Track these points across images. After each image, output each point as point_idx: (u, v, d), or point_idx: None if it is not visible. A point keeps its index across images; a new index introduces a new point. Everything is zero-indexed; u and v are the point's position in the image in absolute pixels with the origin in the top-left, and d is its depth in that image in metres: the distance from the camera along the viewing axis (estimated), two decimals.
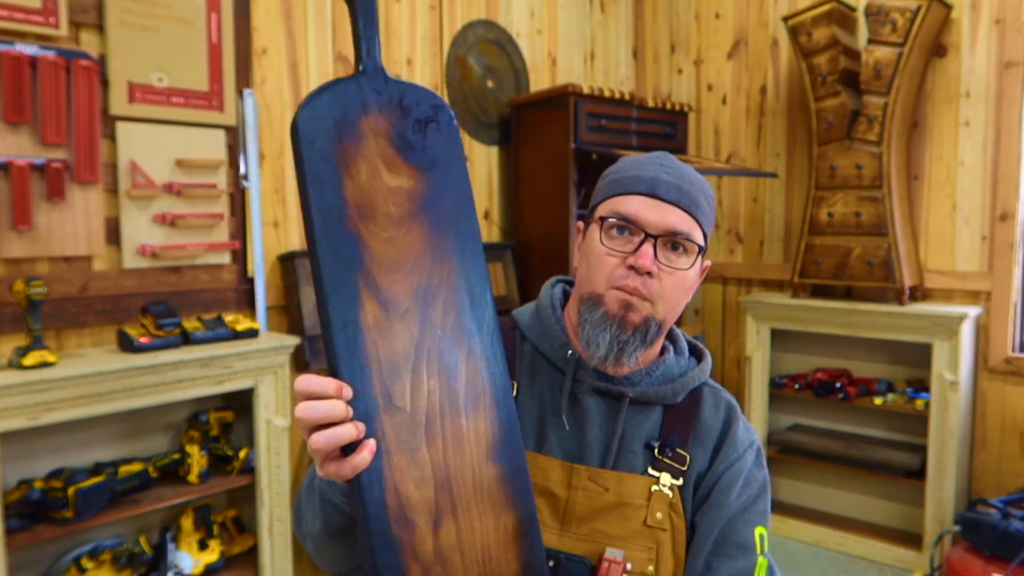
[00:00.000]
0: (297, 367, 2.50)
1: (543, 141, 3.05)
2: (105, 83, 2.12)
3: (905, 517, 3.12)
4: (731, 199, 3.69)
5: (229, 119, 2.37)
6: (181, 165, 2.26)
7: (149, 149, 2.20)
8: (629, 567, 0.92)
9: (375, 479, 0.73)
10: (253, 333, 2.23)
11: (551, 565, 0.90)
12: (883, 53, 2.90)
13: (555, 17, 3.53)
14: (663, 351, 1.05)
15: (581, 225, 1.05)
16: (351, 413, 0.72)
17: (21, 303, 1.86)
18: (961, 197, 3.01)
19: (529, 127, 3.12)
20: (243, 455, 2.23)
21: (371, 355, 0.75)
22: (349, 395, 0.73)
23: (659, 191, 0.95)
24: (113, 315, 2.16)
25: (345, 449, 0.73)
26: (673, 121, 3.31)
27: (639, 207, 0.95)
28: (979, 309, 2.92)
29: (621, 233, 0.95)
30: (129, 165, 2.16)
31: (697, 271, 0.99)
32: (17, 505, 1.88)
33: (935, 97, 3.06)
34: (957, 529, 2.59)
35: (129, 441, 2.19)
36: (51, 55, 1.98)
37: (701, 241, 0.97)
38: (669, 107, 3.26)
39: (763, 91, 3.55)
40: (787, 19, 3.15)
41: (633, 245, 0.94)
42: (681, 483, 0.97)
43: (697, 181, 0.98)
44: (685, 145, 3.38)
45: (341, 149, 0.77)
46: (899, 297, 2.94)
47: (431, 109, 0.83)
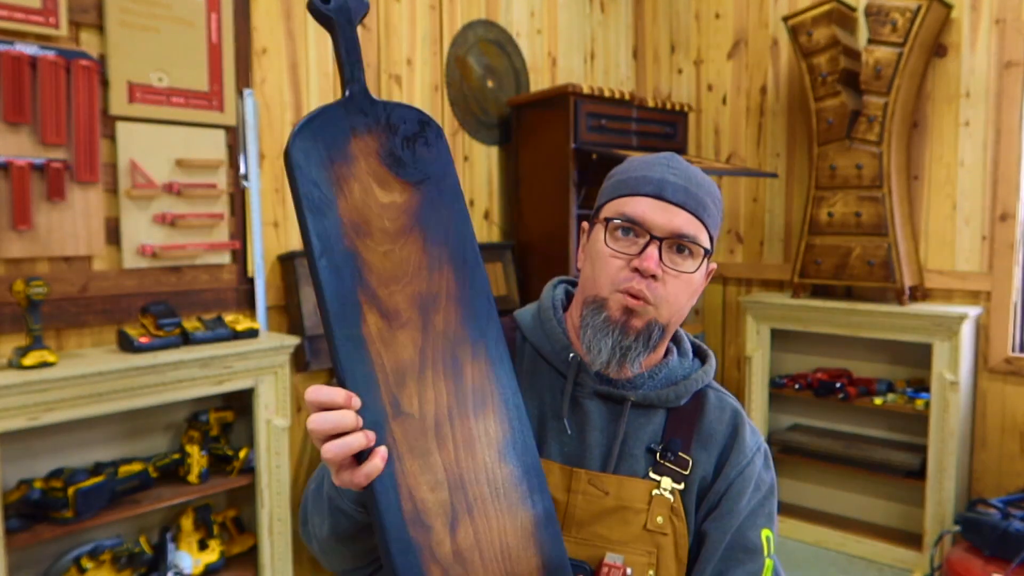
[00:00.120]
0: (297, 367, 2.50)
1: (543, 141, 3.05)
2: (105, 83, 2.12)
3: (905, 517, 3.12)
4: (731, 199, 3.69)
5: (229, 119, 2.37)
6: (181, 165, 2.26)
7: (149, 149, 2.20)
8: (629, 572, 0.91)
9: (389, 485, 0.75)
10: (253, 333, 2.23)
11: None
12: (883, 53, 2.90)
13: (555, 17, 3.53)
14: (667, 353, 1.04)
15: (586, 225, 1.03)
16: (361, 422, 0.73)
17: (21, 303, 1.86)
18: (961, 197, 3.01)
19: (529, 127, 3.12)
20: (243, 455, 2.23)
21: (376, 365, 0.77)
22: (358, 404, 0.74)
23: (665, 193, 0.93)
24: (113, 315, 2.16)
25: (358, 457, 0.74)
26: (673, 121, 3.31)
27: (645, 209, 0.93)
28: (979, 309, 2.92)
29: (626, 235, 0.94)
30: (129, 165, 2.16)
31: (703, 274, 0.97)
32: (17, 505, 1.88)
33: (935, 97, 3.06)
34: (957, 529, 2.59)
35: (129, 441, 2.19)
36: (51, 55, 1.98)
37: (707, 244, 0.95)
38: (669, 107, 3.26)
39: (763, 91, 3.55)
40: (787, 19, 3.15)
41: (638, 247, 0.93)
42: (683, 487, 0.95)
43: (704, 183, 0.97)
44: (685, 145, 3.38)
45: (333, 172, 0.79)
46: (899, 297, 2.94)
47: (418, 125, 0.86)
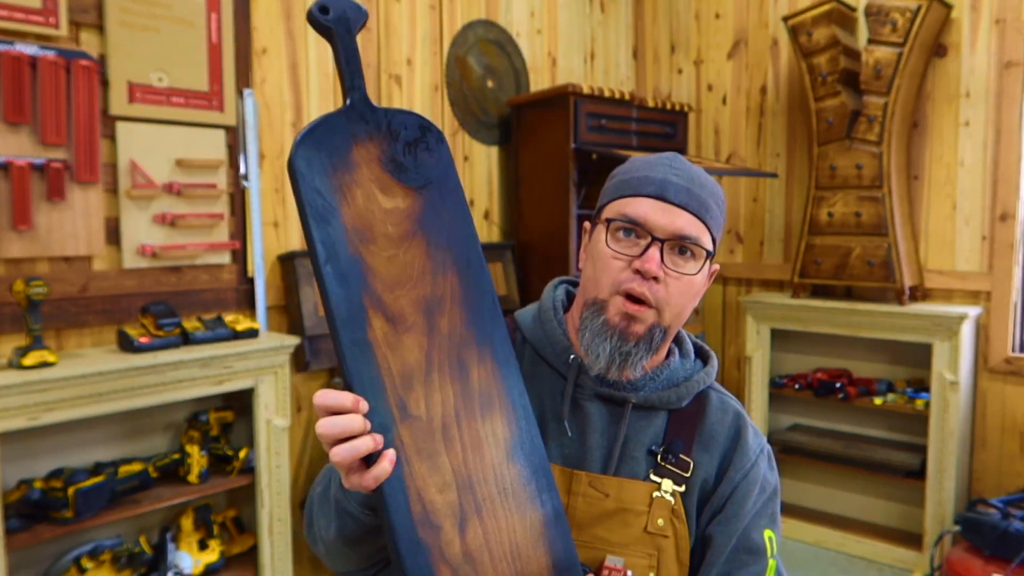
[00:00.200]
0: (297, 367, 2.50)
1: (543, 141, 3.05)
2: (105, 83, 2.12)
3: (905, 517, 3.12)
4: (731, 199, 3.69)
5: (229, 119, 2.37)
6: (181, 165, 2.26)
7: (149, 149, 2.20)
8: (630, 574, 0.90)
9: (398, 487, 0.75)
10: (253, 333, 2.23)
11: None
12: (883, 53, 2.90)
13: (555, 17, 3.53)
14: (668, 354, 1.03)
15: (587, 225, 1.03)
16: (368, 426, 0.74)
17: (21, 303, 1.86)
18: (961, 197, 3.01)
19: (529, 127, 3.12)
20: (243, 455, 2.23)
21: (383, 369, 0.77)
22: (366, 408, 0.74)
23: (668, 194, 0.92)
24: (113, 315, 2.16)
25: (367, 460, 0.74)
26: (673, 121, 3.31)
27: (647, 210, 0.92)
28: (979, 309, 2.92)
29: (628, 236, 0.93)
30: (129, 165, 2.16)
31: (705, 276, 0.96)
32: (17, 505, 1.88)
33: (935, 97, 3.06)
34: (957, 529, 2.59)
35: (129, 441, 2.19)
36: (51, 55, 1.98)
37: (709, 246, 0.94)
38: (669, 107, 3.26)
39: (763, 91, 3.55)
40: (787, 19, 3.15)
41: (640, 248, 0.92)
42: (684, 489, 0.95)
43: (707, 184, 0.96)
44: (685, 145, 3.38)
45: (336, 180, 0.80)
46: (899, 297, 2.94)
47: (419, 130, 0.87)
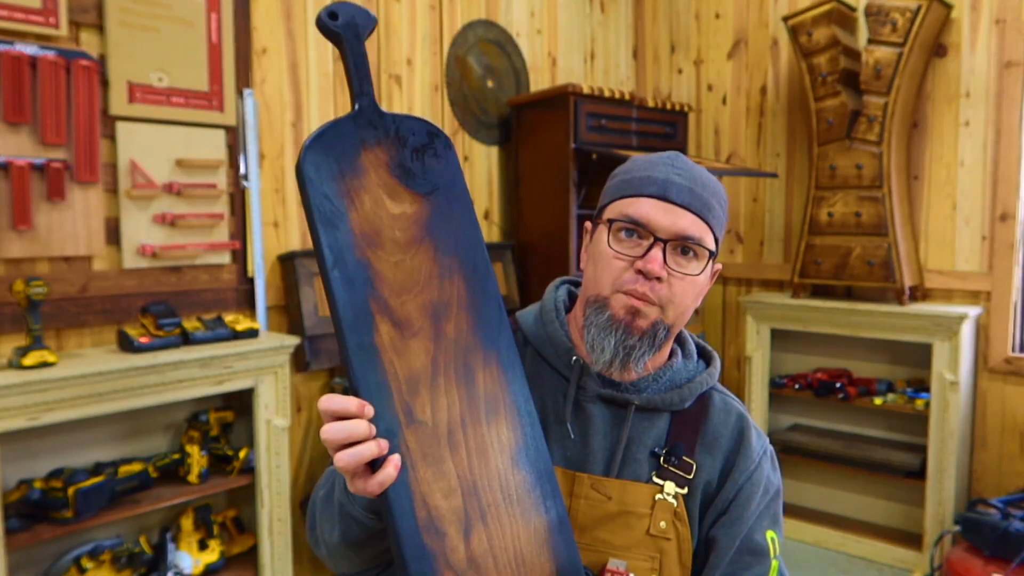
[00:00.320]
0: (297, 367, 2.50)
1: (543, 141, 3.05)
2: (105, 83, 2.12)
3: (905, 517, 3.12)
4: (731, 199, 3.69)
5: (229, 119, 2.37)
6: (181, 165, 2.26)
7: (149, 149, 2.20)
8: None
9: (403, 492, 0.75)
10: (253, 333, 2.23)
11: None
12: (883, 53, 2.90)
13: (555, 17, 3.53)
14: (671, 355, 1.02)
15: (588, 225, 1.02)
16: (373, 431, 0.74)
17: (21, 303, 1.86)
18: (961, 197, 3.01)
19: (529, 127, 3.12)
20: (243, 455, 2.23)
21: (389, 374, 0.77)
22: (371, 413, 0.74)
23: (670, 194, 0.92)
24: (113, 315, 2.16)
25: (372, 465, 0.74)
26: (673, 121, 3.31)
27: (649, 210, 0.92)
28: (979, 309, 2.92)
29: (630, 236, 0.92)
30: (129, 165, 2.16)
31: (707, 276, 0.96)
32: (17, 505, 1.88)
33: (935, 97, 3.06)
34: (957, 529, 2.59)
35: (129, 441, 2.19)
36: (51, 55, 1.98)
37: (712, 246, 0.94)
38: (669, 107, 3.26)
39: (763, 91, 3.55)
40: (787, 19, 3.15)
41: (642, 249, 0.91)
42: (686, 491, 0.94)
43: (710, 183, 0.95)
44: (685, 145, 3.38)
45: (344, 185, 0.80)
46: (899, 297, 2.94)
47: (426, 136, 0.87)
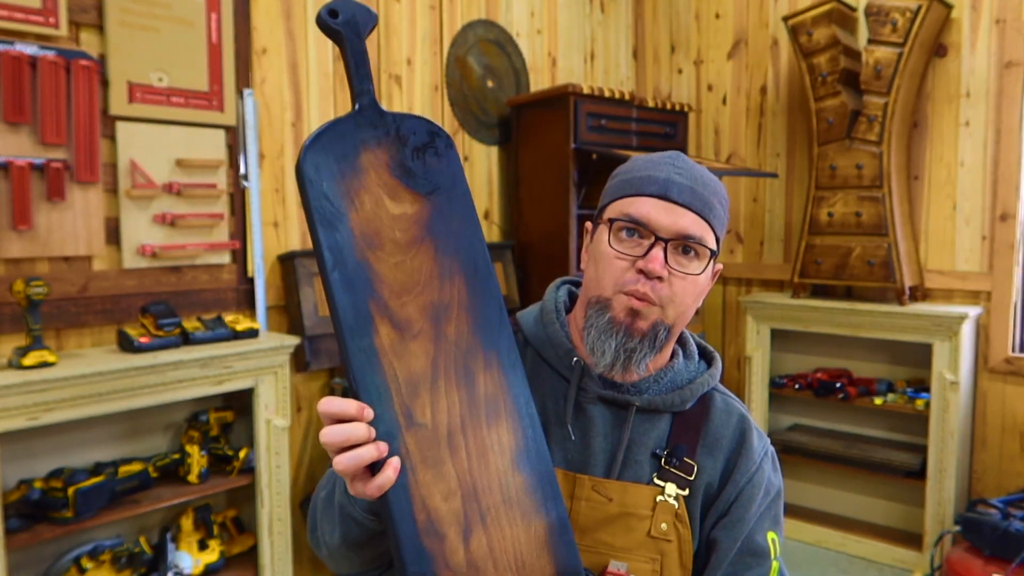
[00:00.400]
0: (297, 367, 2.50)
1: (543, 141, 3.05)
2: (105, 83, 2.12)
3: (905, 517, 3.12)
4: (731, 199, 3.69)
5: (229, 119, 2.37)
6: (181, 165, 2.26)
7: (149, 149, 2.20)
8: None
9: (402, 495, 0.75)
10: (253, 333, 2.23)
11: None
12: (883, 53, 2.90)
13: (555, 17, 3.53)
14: (672, 355, 1.02)
15: (589, 225, 1.02)
16: (373, 434, 0.73)
17: (21, 303, 1.86)
18: (961, 197, 3.01)
19: (529, 127, 3.12)
20: (243, 455, 2.23)
21: (389, 376, 0.77)
22: (370, 416, 0.74)
23: (671, 193, 0.92)
24: (113, 315, 2.16)
25: (371, 468, 0.74)
26: (673, 121, 3.31)
27: (650, 209, 0.91)
28: (979, 309, 2.92)
29: (631, 236, 0.92)
30: (129, 165, 2.16)
31: (708, 275, 0.95)
32: (17, 505, 1.88)
33: (935, 97, 3.06)
34: (957, 529, 2.59)
35: (129, 441, 2.19)
36: (51, 55, 1.98)
37: (713, 245, 0.94)
38: (669, 107, 3.26)
39: (763, 91, 3.55)
40: (787, 19, 3.15)
41: (643, 248, 0.91)
42: (687, 493, 0.94)
43: (711, 183, 0.95)
44: (685, 145, 3.38)
45: (344, 185, 0.80)
46: (899, 297, 2.94)
47: (427, 136, 0.86)
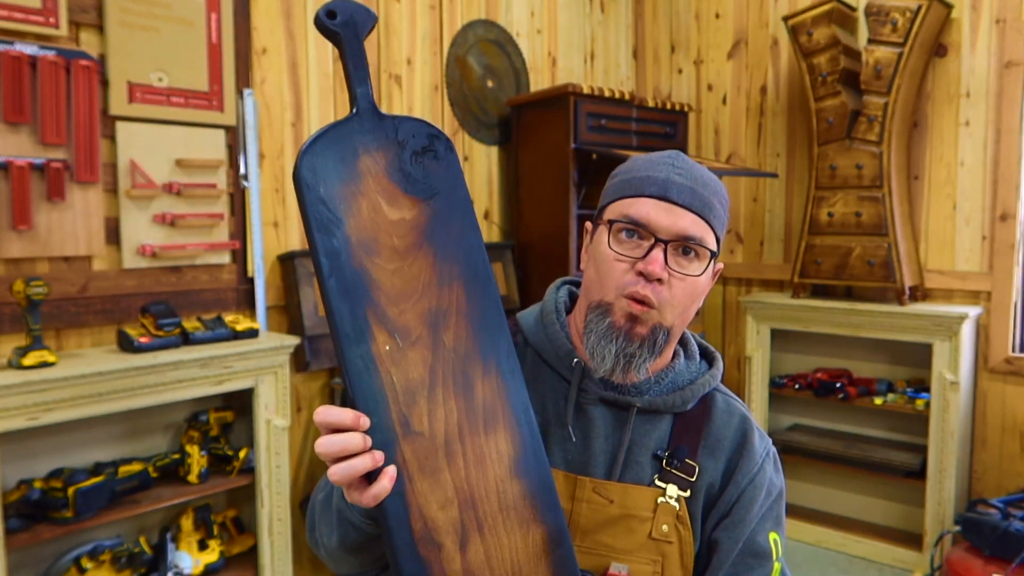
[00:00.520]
0: (297, 367, 2.50)
1: (543, 141, 3.05)
2: (105, 83, 2.11)
3: (905, 517, 3.12)
4: (731, 199, 3.69)
5: (229, 119, 2.37)
6: (181, 165, 2.26)
7: (149, 149, 2.20)
8: None
9: (399, 504, 0.74)
10: (253, 333, 2.23)
11: None
12: (883, 53, 2.90)
13: (555, 17, 3.53)
14: (673, 356, 1.01)
15: (589, 226, 1.01)
16: (368, 443, 0.73)
17: (21, 303, 1.86)
18: (961, 197, 3.01)
19: (529, 127, 3.12)
20: (243, 455, 2.23)
21: (387, 384, 0.76)
22: (366, 425, 0.73)
23: (671, 194, 0.91)
24: (113, 315, 2.16)
25: (368, 476, 0.73)
26: (673, 121, 3.31)
27: (650, 210, 0.90)
28: (979, 309, 2.92)
29: (630, 237, 0.91)
30: (129, 165, 2.16)
31: (709, 276, 0.95)
32: (17, 505, 1.88)
33: (935, 97, 3.06)
34: (957, 529, 2.59)
35: (129, 441, 2.19)
36: (51, 55, 1.98)
37: (713, 246, 0.93)
38: (669, 107, 3.26)
39: (763, 91, 3.55)
40: (787, 19, 3.15)
41: (643, 250, 0.90)
42: (689, 495, 0.94)
43: (711, 183, 0.94)
44: (685, 145, 3.38)
45: (341, 190, 0.78)
46: (899, 297, 2.94)
47: (427, 139, 0.84)
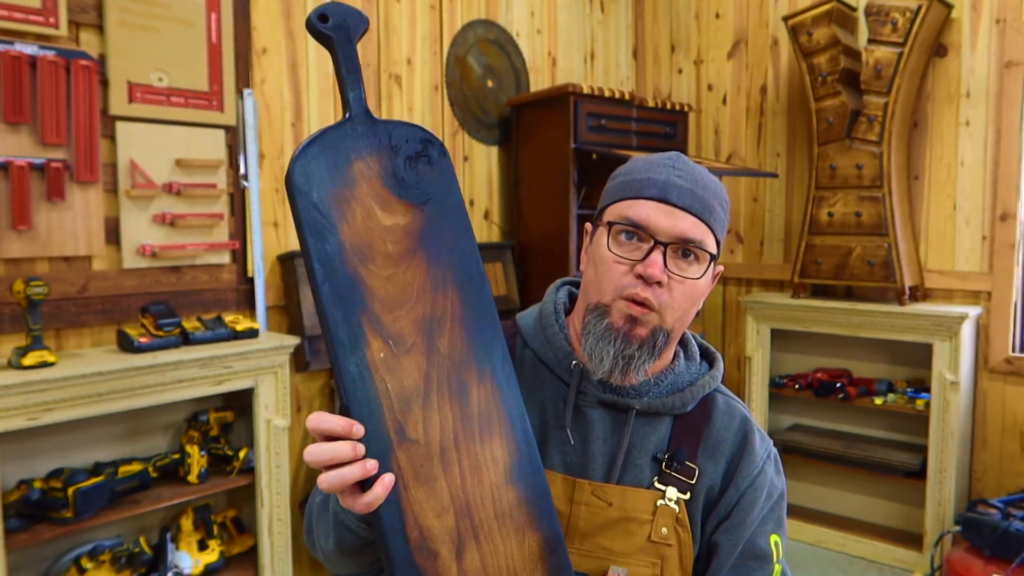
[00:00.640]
0: (297, 367, 2.50)
1: (543, 141, 3.05)
2: (105, 83, 2.11)
3: (905, 517, 3.12)
4: (731, 199, 3.69)
5: (229, 119, 2.37)
6: (181, 165, 2.26)
7: (149, 149, 2.20)
8: None
9: (394, 512, 0.74)
10: (253, 333, 2.23)
11: None
12: (883, 53, 2.90)
13: (555, 17, 3.53)
14: (674, 357, 1.01)
15: (589, 227, 1.01)
16: (360, 451, 0.72)
17: (21, 303, 1.86)
18: (961, 197, 3.01)
19: (529, 127, 3.12)
20: (243, 455, 2.23)
21: (381, 392, 0.75)
22: (360, 433, 0.72)
23: (671, 196, 0.90)
24: (113, 315, 2.16)
25: (363, 484, 0.73)
26: (673, 121, 3.31)
27: (649, 213, 0.90)
28: (979, 309, 2.92)
29: (630, 239, 0.91)
30: (129, 165, 2.16)
31: (708, 279, 0.94)
32: (17, 505, 1.88)
33: (935, 97, 3.06)
34: (957, 529, 2.59)
35: (129, 441, 2.19)
36: (51, 55, 1.98)
37: (713, 248, 0.93)
38: (669, 107, 3.26)
39: (763, 91, 3.55)
40: (787, 19, 3.15)
41: (642, 252, 0.90)
42: (688, 497, 0.93)
43: (711, 185, 0.94)
44: (685, 145, 3.38)
45: (334, 196, 0.78)
46: (899, 297, 2.94)
47: (420, 144, 0.84)
